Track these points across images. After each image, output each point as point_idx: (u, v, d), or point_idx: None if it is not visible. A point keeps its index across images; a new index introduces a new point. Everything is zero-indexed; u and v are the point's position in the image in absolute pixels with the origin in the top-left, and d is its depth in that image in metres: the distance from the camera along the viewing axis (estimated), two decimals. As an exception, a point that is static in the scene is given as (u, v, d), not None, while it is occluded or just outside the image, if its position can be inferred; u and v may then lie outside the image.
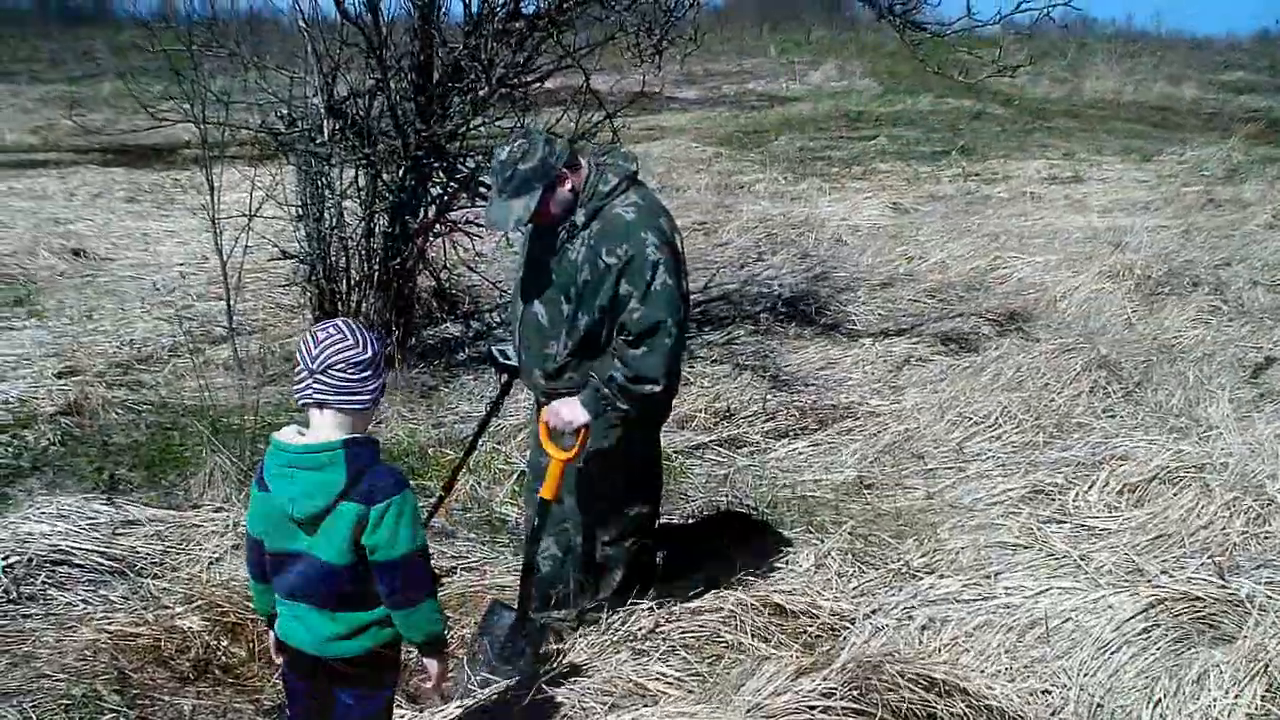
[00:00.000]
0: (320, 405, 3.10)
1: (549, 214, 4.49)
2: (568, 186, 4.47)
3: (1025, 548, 5.65)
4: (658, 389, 4.46)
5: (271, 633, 3.38)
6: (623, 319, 4.44)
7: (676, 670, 4.56)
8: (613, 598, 4.99)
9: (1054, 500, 6.33)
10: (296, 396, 3.13)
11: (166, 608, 5.09)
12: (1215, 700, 4.11)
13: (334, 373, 3.07)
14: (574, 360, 4.59)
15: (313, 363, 3.07)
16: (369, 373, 3.11)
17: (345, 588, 3.14)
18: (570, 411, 4.52)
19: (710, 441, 7.45)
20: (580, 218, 4.50)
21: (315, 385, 3.08)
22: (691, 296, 10.75)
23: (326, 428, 3.10)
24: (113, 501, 6.10)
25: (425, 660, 3.31)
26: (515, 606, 4.77)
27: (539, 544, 4.89)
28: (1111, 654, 4.57)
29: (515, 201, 4.39)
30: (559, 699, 4.29)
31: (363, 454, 3.09)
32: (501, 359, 5.01)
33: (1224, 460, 6.25)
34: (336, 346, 3.08)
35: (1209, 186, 17.17)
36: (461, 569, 5.64)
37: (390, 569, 3.10)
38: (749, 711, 4.05)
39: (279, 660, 3.39)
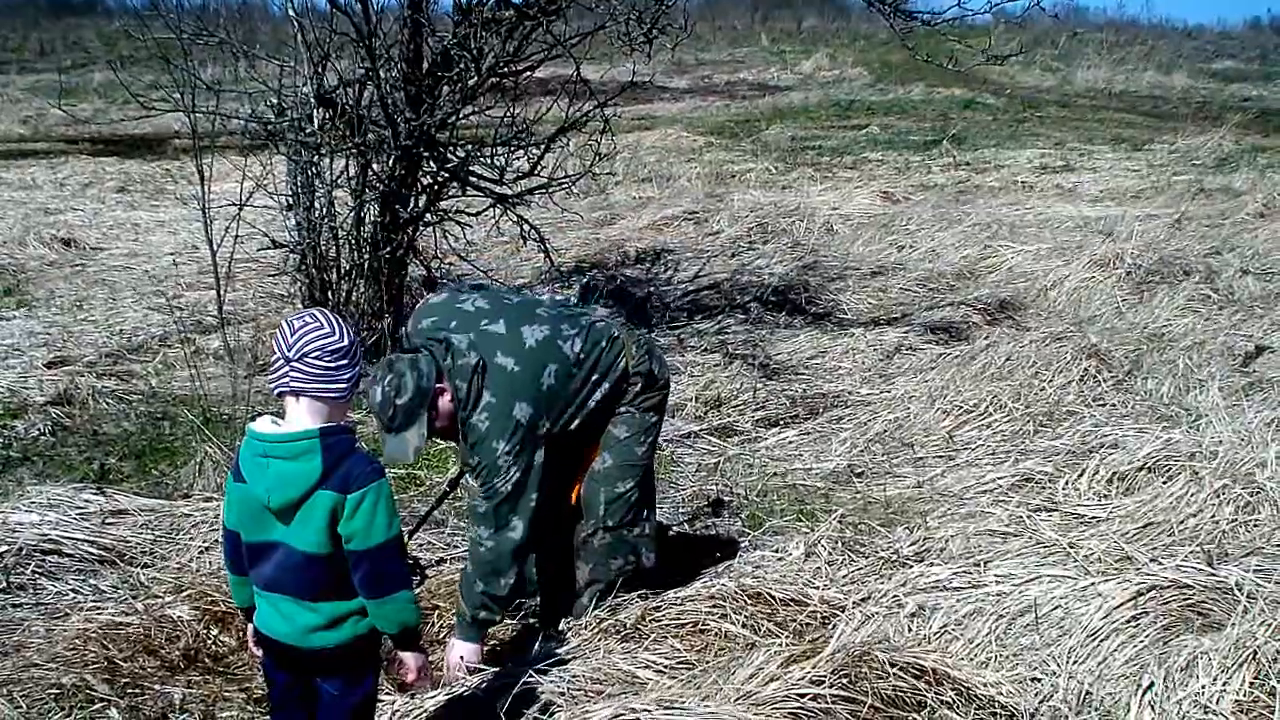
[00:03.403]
0: (296, 394, 3.07)
1: (442, 428, 4.56)
2: (447, 398, 4.48)
3: (1015, 536, 5.65)
4: (511, 579, 4.60)
5: (250, 625, 3.36)
6: (475, 510, 4.60)
7: (666, 659, 4.55)
8: (607, 588, 4.98)
9: (1044, 489, 6.33)
10: (272, 385, 3.11)
11: (156, 597, 5.09)
12: (1204, 687, 4.11)
13: (310, 360, 3.04)
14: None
15: (289, 351, 3.05)
16: (345, 361, 3.09)
17: (323, 577, 3.12)
18: (464, 657, 4.60)
19: (701, 430, 7.46)
20: (460, 428, 4.57)
21: (291, 373, 3.05)
22: (683, 285, 10.83)
23: (302, 416, 3.08)
24: (103, 491, 6.09)
25: (401, 654, 3.30)
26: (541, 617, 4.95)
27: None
28: (1100, 642, 4.57)
29: (408, 433, 4.39)
30: (547, 687, 4.29)
31: (339, 442, 3.07)
32: None
33: (1213, 449, 6.25)
34: (313, 334, 3.06)
35: (1199, 176, 17.19)
36: (451, 558, 5.63)
37: (365, 558, 3.07)
38: (738, 700, 4.05)
39: (258, 653, 3.38)
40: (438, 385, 4.44)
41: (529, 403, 4.53)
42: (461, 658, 4.58)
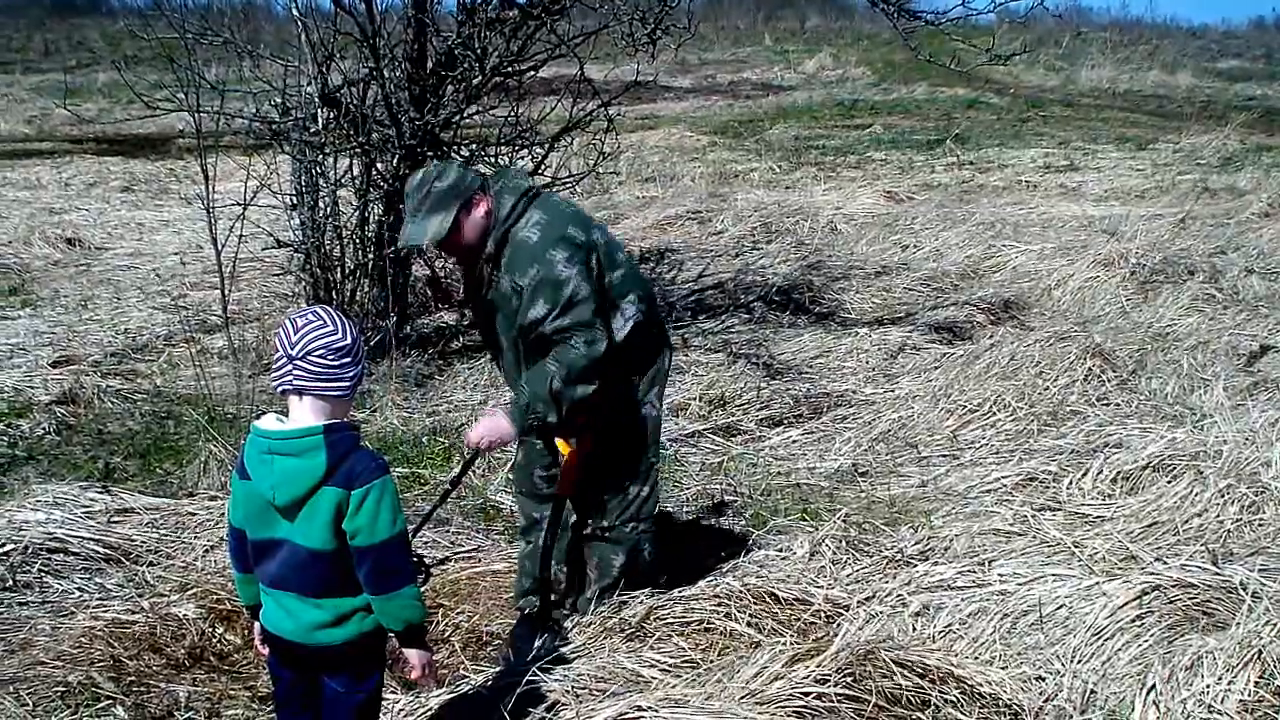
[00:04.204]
0: (299, 392, 3.07)
1: (465, 241, 4.46)
2: (482, 210, 4.43)
3: (1019, 535, 5.65)
4: (590, 390, 4.43)
5: (256, 623, 3.37)
6: (545, 330, 4.41)
7: (670, 657, 4.56)
8: (610, 585, 4.98)
9: (1048, 488, 6.33)
10: (275, 383, 3.11)
11: (161, 595, 5.10)
12: (1208, 687, 4.11)
13: (314, 359, 3.05)
14: None
15: (292, 349, 3.05)
16: (348, 359, 3.09)
17: (328, 574, 3.13)
18: (495, 426, 4.46)
19: (705, 430, 7.45)
20: (490, 247, 4.48)
21: (295, 372, 3.06)
22: (686, 285, 10.84)
23: (306, 414, 3.08)
24: (108, 490, 6.09)
25: (405, 650, 3.29)
26: (540, 612, 4.90)
27: (535, 533, 4.92)
28: (1105, 641, 4.57)
29: (431, 219, 4.36)
30: (552, 685, 4.29)
31: (343, 439, 3.08)
32: None
33: (1218, 448, 6.25)
34: (316, 333, 3.07)
35: (1204, 175, 17.18)
36: (456, 557, 5.64)
37: (370, 554, 3.08)
38: (743, 698, 4.05)
39: (264, 651, 3.38)
40: (478, 194, 4.43)
41: (582, 230, 4.50)
42: (493, 431, 4.46)
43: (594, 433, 4.68)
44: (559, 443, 4.68)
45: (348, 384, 3.11)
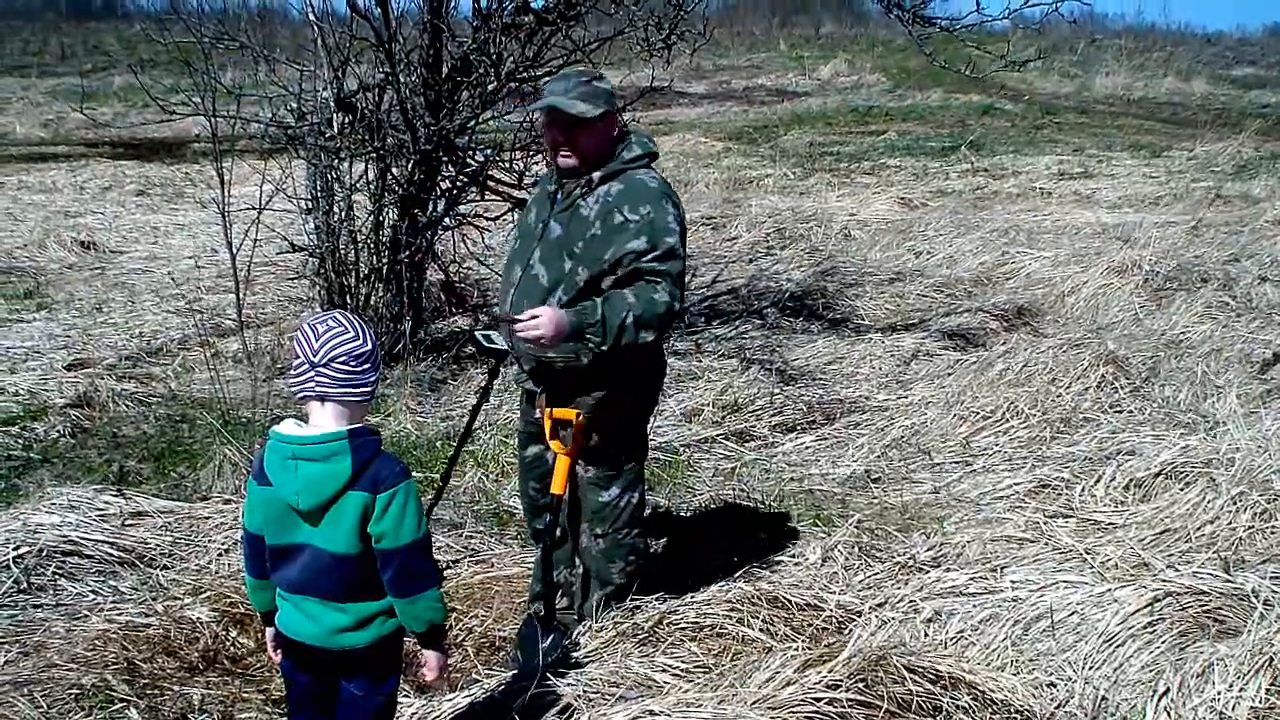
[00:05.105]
0: (322, 398, 3.10)
1: (592, 140, 4.52)
2: (615, 131, 4.58)
3: (1031, 542, 5.65)
4: (646, 339, 4.42)
5: (270, 629, 3.39)
6: (640, 265, 4.41)
7: (683, 662, 4.56)
8: (616, 590, 4.99)
9: (1060, 495, 6.33)
10: (295, 390, 3.13)
11: (175, 599, 5.11)
12: (1220, 694, 4.10)
13: (336, 366, 3.07)
14: None
15: (314, 356, 3.08)
16: (368, 365, 3.12)
17: (352, 578, 3.15)
18: (554, 316, 4.29)
19: (718, 435, 7.46)
20: (597, 175, 4.53)
21: (317, 378, 3.08)
22: (700, 290, 10.84)
23: (327, 420, 3.10)
24: (122, 493, 6.11)
25: (425, 651, 3.31)
26: (545, 616, 4.88)
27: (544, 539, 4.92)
28: (1116, 647, 4.57)
29: (581, 103, 4.47)
30: (565, 690, 4.30)
31: (367, 444, 3.10)
32: (486, 343, 4.87)
33: (1231, 456, 6.24)
34: (338, 339, 3.09)
35: (1218, 182, 17.15)
36: (469, 561, 5.65)
37: (396, 557, 3.10)
38: (755, 703, 4.05)
39: (277, 657, 3.40)
40: (618, 118, 4.63)
41: (683, 213, 4.63)
42: (549, 319, 4.29)
43: (587, 425, 4.67)
44: (552, 443, 4.66)
45: (368, 389, 3.15)
